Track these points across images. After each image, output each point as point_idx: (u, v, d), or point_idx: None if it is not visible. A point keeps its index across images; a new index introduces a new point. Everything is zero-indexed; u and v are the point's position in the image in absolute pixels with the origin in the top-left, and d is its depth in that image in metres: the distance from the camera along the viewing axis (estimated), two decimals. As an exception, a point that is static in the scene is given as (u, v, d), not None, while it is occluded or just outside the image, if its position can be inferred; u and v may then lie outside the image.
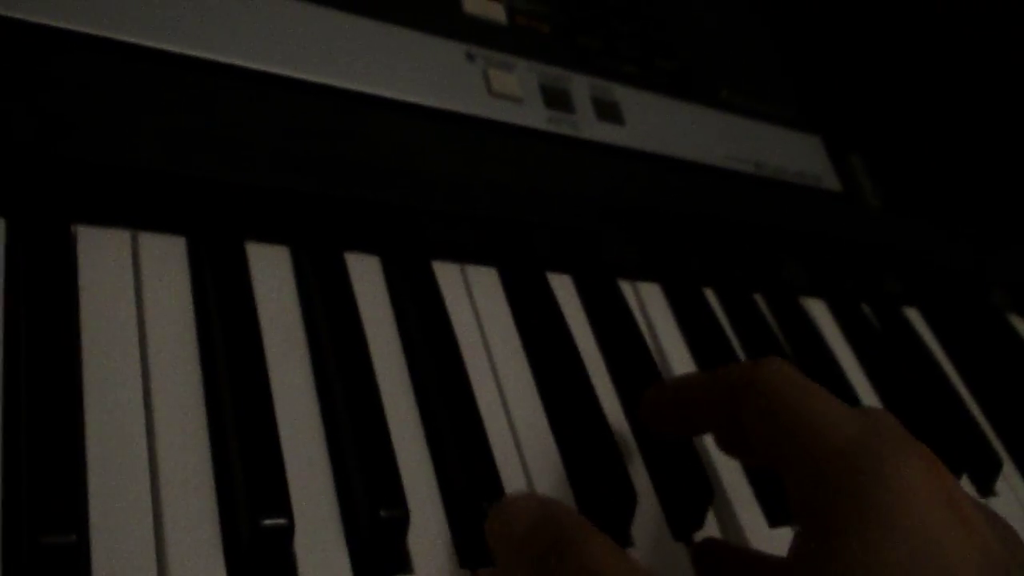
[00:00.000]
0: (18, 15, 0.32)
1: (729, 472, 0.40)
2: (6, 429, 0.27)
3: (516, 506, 0.29)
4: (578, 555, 0.26)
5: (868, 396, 0.50)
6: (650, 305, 0.46)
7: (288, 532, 0.28)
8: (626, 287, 0.46)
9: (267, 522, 0.28)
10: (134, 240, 0.33)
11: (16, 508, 0.26)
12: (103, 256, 0.32)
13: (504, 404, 0.38)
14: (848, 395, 0.49)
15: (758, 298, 0.51)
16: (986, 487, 0.49)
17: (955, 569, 0.25)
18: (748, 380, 0.31)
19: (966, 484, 0.48)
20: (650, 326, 0.45)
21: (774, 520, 0.39)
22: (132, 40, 0.34)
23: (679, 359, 0.44)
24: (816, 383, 0.30)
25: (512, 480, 0.35)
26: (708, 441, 0.40)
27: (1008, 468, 0.51)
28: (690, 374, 0.36)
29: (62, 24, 0.33)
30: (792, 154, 0.54)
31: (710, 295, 0.49)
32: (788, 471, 0.28)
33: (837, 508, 0.26)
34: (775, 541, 0.38)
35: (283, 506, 0.29)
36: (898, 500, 0.25)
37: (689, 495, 0.37)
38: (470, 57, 0.43)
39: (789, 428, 0.29)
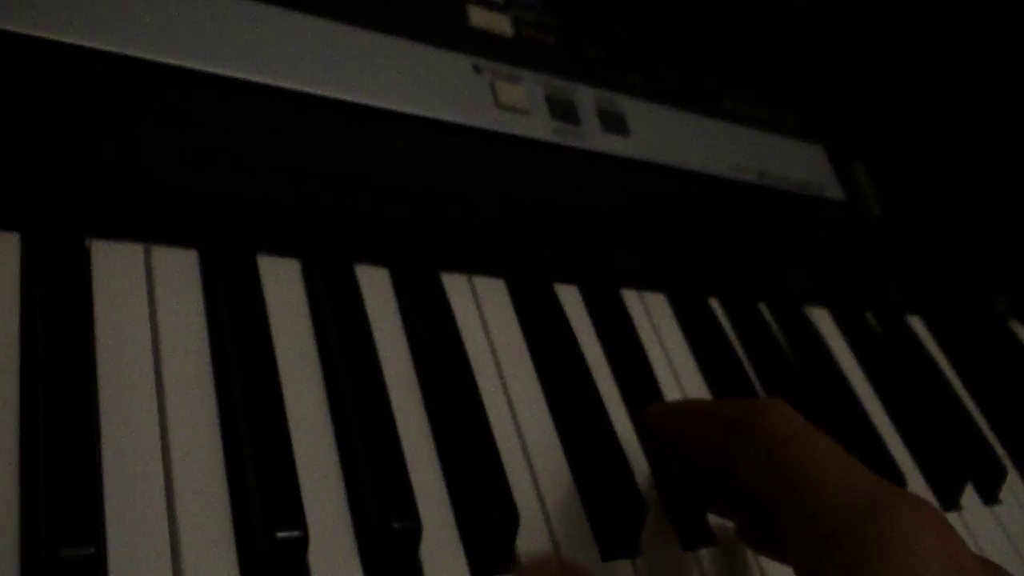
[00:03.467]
0: (32, 31, 0.32)
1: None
2: (23, 442, 0.27)
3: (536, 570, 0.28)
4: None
5: (872, 404, 0.50)
6: (656, 314, 0.46)
7: (302, 544, 0.29)
8: (632, 297, 0.46)
9: (282, 534, 0.28)
10: (147, 254, 0.34)
11: (35, 521, 0.26)
12: (117, 270, 0.33)
13: (513, 414, 0.38)
14: (852, 404, 0.49)
15: (763, 307, 0.51)
16: (991, 495, 0.50)
17: None
18: (748, 424, 0.29)
19: (971, 493, 0.49)
20: (657, 335, 0.45)
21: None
22: (148, 56, 0.34)
23: (685, 368, 0.45)
24: (818, 430, 0.29)
25: (521, 489, 0.35)
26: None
27: (1013, 476, 0.52)
28: (691, 402, 0.34)
29: (75, 40, 0.33)
30: (795, 163, 0.55)
31: (715, 304, 0.49)
32: (788, 526, 0.27)
33: (839, 572, 0.25)
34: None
35: (297, 518, 0.29)
36: (903, 570, 0.24)
37: (694, 506, 0.38)
38: (477, 69, 0.43)
39: (791, 482, 0.27)
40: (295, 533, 0.28)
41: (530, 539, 0.34)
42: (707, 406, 0.32)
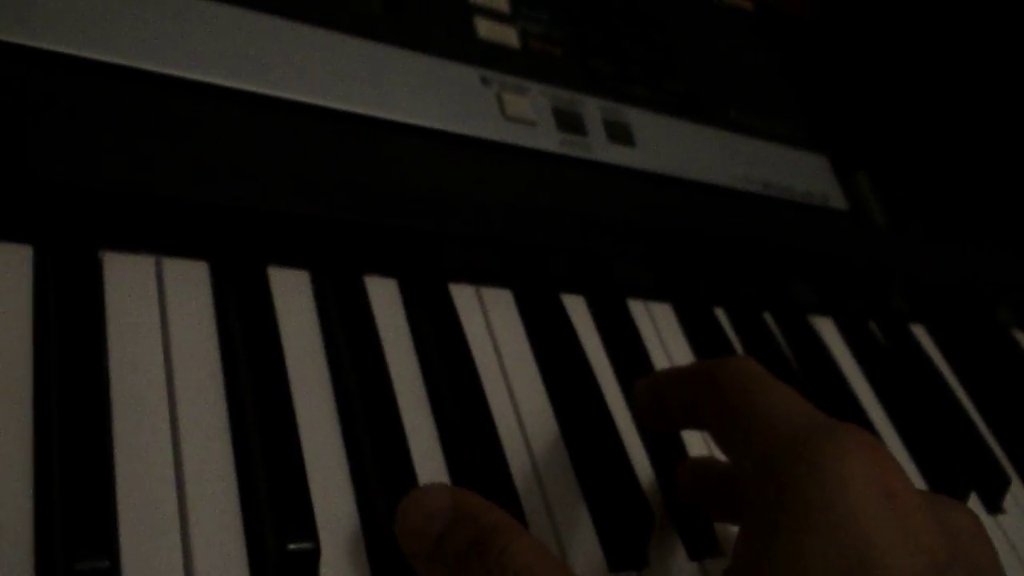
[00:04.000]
0: (46, 45, 0.33)
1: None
2: (38, 453, 0.28)
3: (429, 500, 0.28)
4: (500, 554, 0.25)
5: (876, 413, 0.51)
6: (662, 325, 0.46)
7: (314, 556, 0.29)
8: (639, 307, 0.46)
9: (293, 546, 0.28)
10: (159, 265, 0.34)
11: (49, 533, 0.26)
12: (129, 281, 0.33)
13: (520, 424, 0.38)
14: (856, 412, 0.49)
15: (767, 316, 0.51)
16: (994, 504, 0.50)
17: (883, 570, 0.23)
18: (711, 375, 0.31)
19: (974, 502, 0.49)
20: (663, 345, 0.45)
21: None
22: (159, 70, 0.34)
23: (691, 378, 0.45)
24: (780, 381, 0.30)
25: (528, 498, 0.35)
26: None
27: (1016, 485, 0.52)
28: (668, 369, 0.36)
29: (89, 54, 0.33)
30: (800, 173, 0.55)
31: (720, 314, 0.49)
32: (738, 465, 0.28)
33: (774, 504, 0.25)
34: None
35: (309, 530, 0.29)
36: (832, 495, 0.24)
37: (701, 516, 0.38)
38: (484, 81, 0.44)
39: (742, 420, 0.28)
40: (307, 545, 0.29)
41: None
42: (682, 367, 0.34)
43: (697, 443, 0.42)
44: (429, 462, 0.34)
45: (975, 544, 0.27)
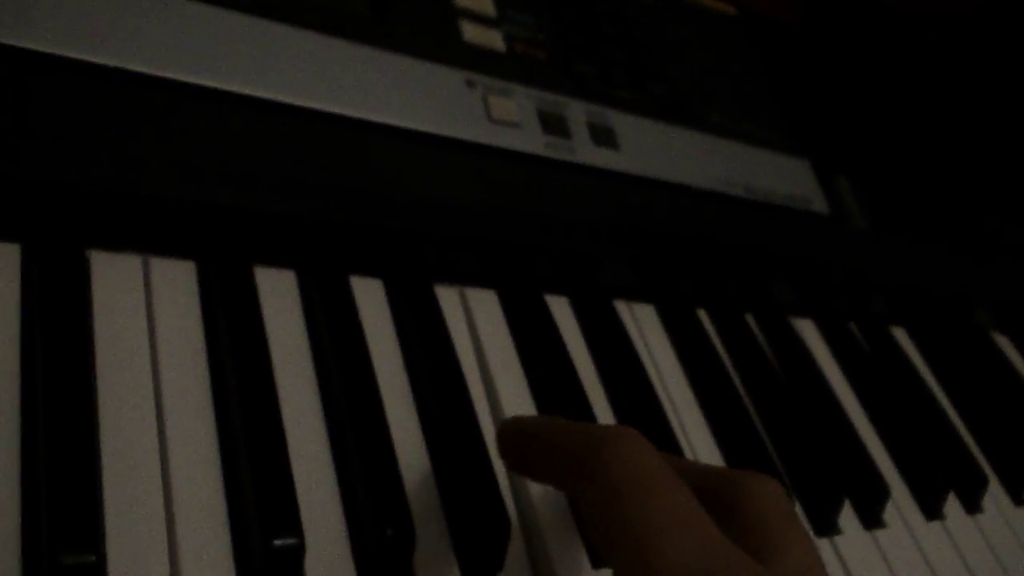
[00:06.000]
0: (32, 45, 0.33)
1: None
2: (24, 450, 0.28)
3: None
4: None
5: (856, 414, 0.51)
6: (645, 326, 0.47)
7: (299, 551, 0.29)
8: (622, 308, 0.47)
9: (278, 542, 0.29)
10: (145, 265, 0.34)
11: (36, 528, 0.26)
12: (116, 280, 0.33)
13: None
14: (837, 414, 0.50)
15: (749, 318, 0.52)
16: (972, 504, 0.50)
17: None
18: (590, 470, 0.27)
19: (953, 502, 0.50)
20: (646, 346, 0.46)
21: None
22: (146, 70, 0.35)
23: (674, 379, 0.46)
24: (668, 475, 0.26)
25: (513, 499, 0.36)
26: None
27: (994, 486, 0.52)
28: (539, 422, 0.32)
29: (76, 54, 0.33)
30: (781, 177, 0.56)
31: (703, 315, 0.50)
32: None
33: None
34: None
35: (294, 526, 0.29)
36: None
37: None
38: (470, 84, 0.44)
39: (621, 541, 0.25)
40: (292, 540, 0.29)
41: (522, 549, 0.34)
42: (554, 435, 0.30)
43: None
44: (413, 460, 0.35)
45: None
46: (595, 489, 0.26)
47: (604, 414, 0.41)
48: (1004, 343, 0.66)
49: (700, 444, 0.44)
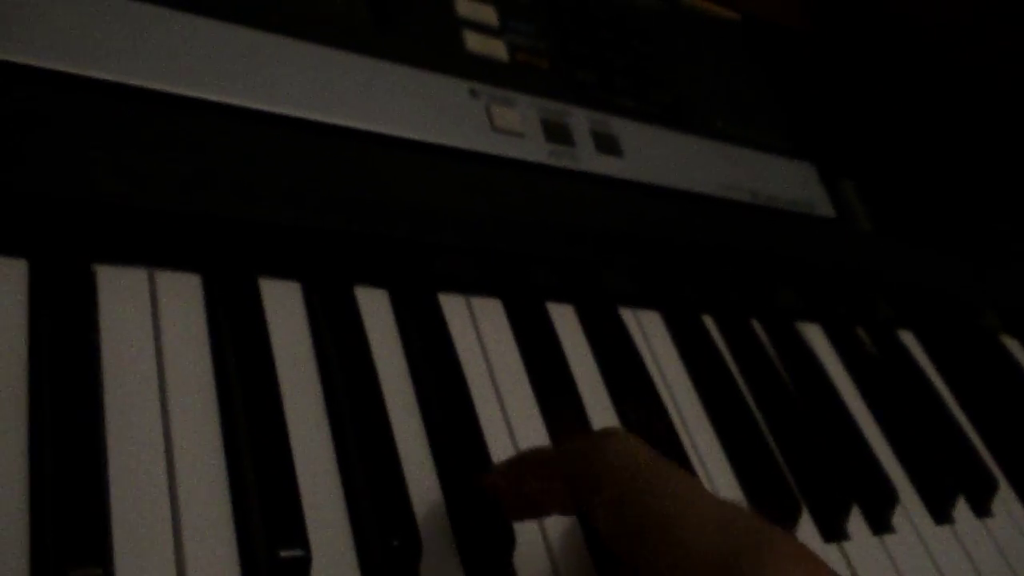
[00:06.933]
0: (36, 62, 0.33)
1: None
2: (32, 464, 0.28)
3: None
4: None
5: (864, 419, 0.51)
6: (651, 332, 0.47)
7: (305, 563, 0.29)
8: (627, 315, 0.47)
9: (284, 553, 0.29)
10: (151, 278, 0.34)
11: (44, 542, 0.27)
12: (122, 294, 0.33)
13: (509, 430, 0.39)
14: (845, 419, 0.50)
15: (755, 323, 0.52)
16: (982, 508, 0.50)
17: None
18: (594, 483, 0.27)
19: (963, 506, 0.49)
20: (652, 353, 0.46)
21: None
22: (150, 85, 0.35)
23: (680, 385, 0.46)
24: (667, 464, 0.27)
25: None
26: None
27: (1004, 489, 0.52)
28: (522, 458, 0.32)
29: (80, 70, 0.34)
30: (786, 181, 0.56)
31: (709, 322, 0.50)
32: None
33: None
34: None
35: (300, 538, 0.29)
36: None
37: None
38: (473, 93, 0.44)
39: (649, 537, 0.25)
40: (298, 552, 0.29)
41: (529, 559, 0.34)
42: (544, 462, 0.30)
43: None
44: (419, 471, 0.35)
45: None
46: (603, 499, 0.27)
47: (609, 421, 0.41)
48: (1013, 346, 0.65)
49: (707, 450, 0.43)
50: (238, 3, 0.39)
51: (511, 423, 0.39)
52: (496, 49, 0.47)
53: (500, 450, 0.37)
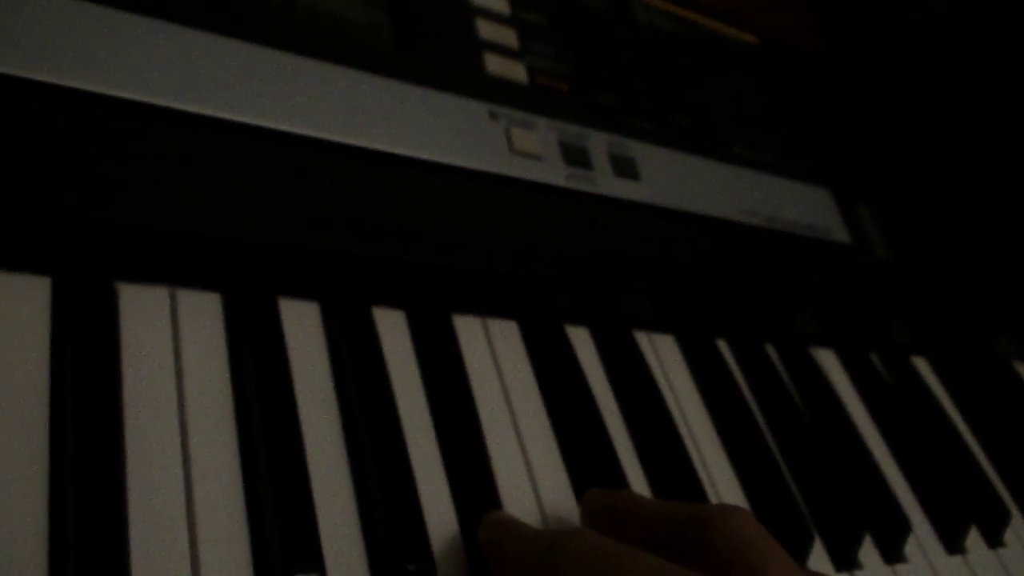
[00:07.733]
0: (60, 81, 0.33)
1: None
2: (53, 482, 0.28)
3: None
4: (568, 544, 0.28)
5: (877, 447, 0.51)
6: (665, 356, 0.47)
7: (321, 585, 0.29)
8: (642, 338, 0.47)
9: None
10: (172, 297, 0.35)
11: (63, 562, 0.27)
12: (143, 312, 0.34)
13: (524, 453, 0.39)
14: (858, 446, 0.50)
15: (770, 348, 0.52)
16: (994, 538, 0.50)
17: None
18: (701, 532, 0.29)
19: (974, 535, 0.49)
20: (666, 376, 0.46)
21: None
22: (173, 105, 0.35)
23: (693, 409, 0.46)
24: (782, 550, 0.28)
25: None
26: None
27: (1017, 519, 0.52)
28: (635, 501, 0.33)
29: (105, 90, 0.34)
30: (803, 207, 0.56)
31: (723, 346, 0.50)
32: None
33: None
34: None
35: (315, 560, 0.30)
36: None
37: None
38: (493, 116, 0.45)
39: None
40: (313, 575, 0.29)
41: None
42: (655, 507, 0.31)
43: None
44: (434, 493, 0.35)
45: None
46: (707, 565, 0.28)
47: (623, 444, 0.42)
48: (1027, 373, 0.65)
49: (719, 476, 0.43)
50: (263, 24, 0.39)
51: (524, 443, 0.39)
52: (516, 72, 0.47)
53: (514, 472, 0.37)
